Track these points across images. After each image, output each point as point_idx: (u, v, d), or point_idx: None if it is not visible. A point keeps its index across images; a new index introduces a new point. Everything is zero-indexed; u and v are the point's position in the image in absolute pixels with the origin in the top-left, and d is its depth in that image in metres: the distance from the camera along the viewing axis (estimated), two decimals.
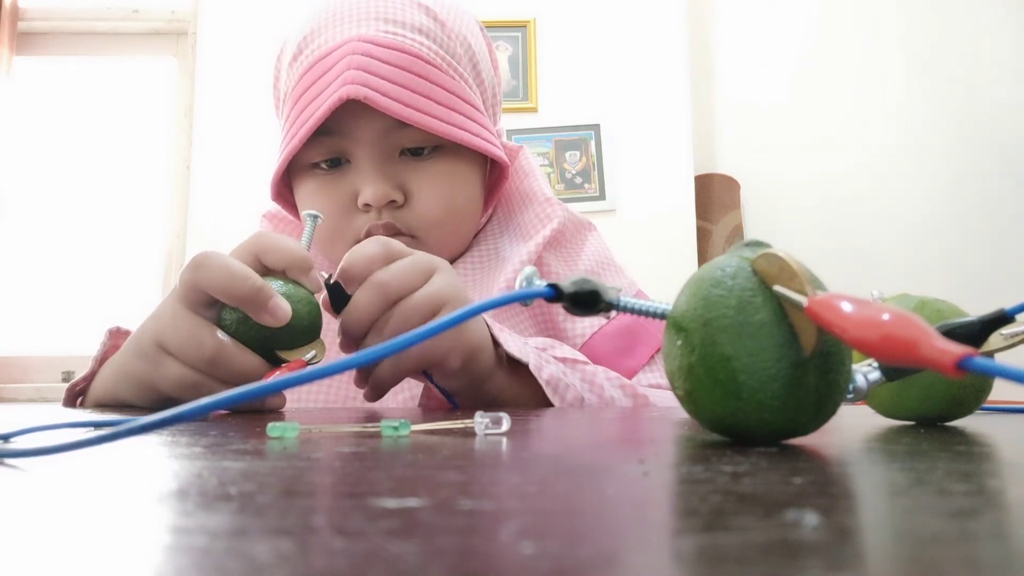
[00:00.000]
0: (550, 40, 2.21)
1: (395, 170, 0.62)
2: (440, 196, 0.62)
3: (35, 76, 2.31)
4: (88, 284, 2.22)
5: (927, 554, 0.12)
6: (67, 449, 0.21)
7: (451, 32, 0.63)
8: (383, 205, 0.61)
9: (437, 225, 0.63)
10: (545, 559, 0.11)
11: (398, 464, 0.22)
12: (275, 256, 0.49)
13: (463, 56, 0.64)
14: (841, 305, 0.22)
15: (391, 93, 0.58)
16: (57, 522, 0.14)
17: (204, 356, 0.45)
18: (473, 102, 0.63)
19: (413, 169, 0.62)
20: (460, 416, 0.38)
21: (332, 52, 0.59)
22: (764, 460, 0.23)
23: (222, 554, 0.12)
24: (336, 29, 0.61)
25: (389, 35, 0.60)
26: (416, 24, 0.61)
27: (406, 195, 0.62)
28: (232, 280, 0.44)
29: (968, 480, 0.19)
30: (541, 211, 0.69)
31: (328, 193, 0.62)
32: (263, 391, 0.21)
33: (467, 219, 0.66)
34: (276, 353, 0.47)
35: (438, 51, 0.62)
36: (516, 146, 0.72)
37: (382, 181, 0.60)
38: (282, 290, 0.47)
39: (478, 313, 0.26)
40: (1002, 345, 0.32)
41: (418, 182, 0.62)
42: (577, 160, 2.17)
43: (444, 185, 0.63)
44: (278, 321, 0.45)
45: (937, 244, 2.24)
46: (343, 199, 0.62)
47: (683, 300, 0.28)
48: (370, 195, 0.60)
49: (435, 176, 0.62)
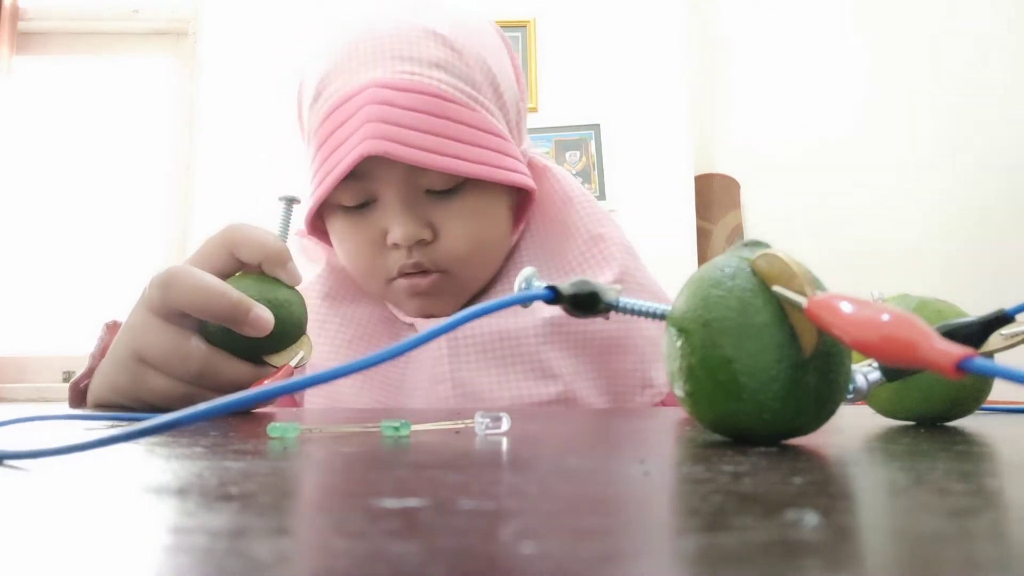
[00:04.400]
0: (550, 40, 2.21)
1: (422, 208, 0.61)
2: (468, 232, 0.62)
3: (35, 76, 2.31)
4: (88, 284, 2.22)
5: (927, 554, 0.12)
6: (67, 451, 0.21)
7: (469, 60, 0.62)
8: (412, 244, 0.61)
9: (466, 261, 0.63)
10: (545, 559, 0.11)
11: (398, 464, 0.22)
12: (249, 250, 0.47)
13: (484, 83, 0.62)
14: (841, 306, 0.22)
15: (412, 141, 0.57)
16: (58, 522, 0.14)
17: (191, 370, 0.44)
18: (497, 131, 0.62)
19: (440, 206, 0.62)
20: (460, 416, 0.38)
21: (351, 99, 0.59)
22: (764, 460, 0.23)
23: (223, 554, 0.12)
24: (353, 72, 0.60)
25: (406, 76, 0.59)
26: (433, 59, 0.60)
27: (435, 232, 0.62)
28: (206, 298, 0.43)
29: (968, 480, 0.19)
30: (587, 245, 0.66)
31: (358, 233, 0.63)
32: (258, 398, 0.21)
33: (497, 251, 0.66)
34: (263, 359, 0.46)
35: (458, 84, 0.60)
36: (542, 163, 0.70)
37: (410, 221, 0.60)
38: (260, 294, 0.46)
39: (477, 316, 0.26)
40: (1002, 345, 0.32)
41: (446, 219, 0.62)
42: (577, 160, 2.17)
43: (472, 220, 0.62)
44: (261, 333, 0.44)
45: (937, 244, 2.24)
46: (373, 238, 0.62)
47: (683, 301, 0.28)
48: (399, 235, 0.60)
49: (462, 212, 0.62)
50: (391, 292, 0.64)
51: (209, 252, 0.48)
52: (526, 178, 0.64)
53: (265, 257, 0.47)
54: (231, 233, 0.48)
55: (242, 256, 0.48)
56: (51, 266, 2.24)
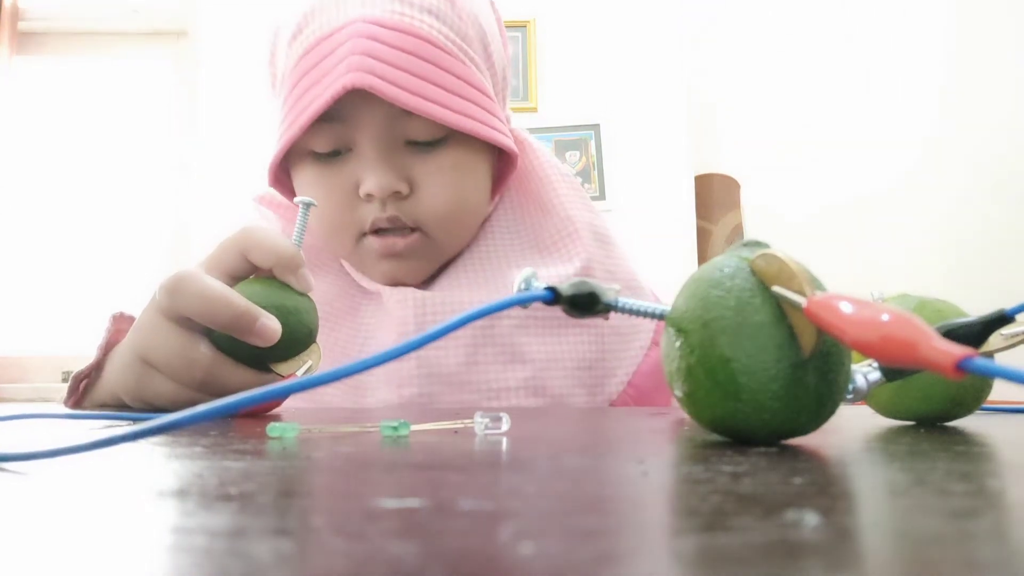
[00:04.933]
0: (550, 40, 2.21)
1: (400, 160, 0.59)
2: (448, 187, 0.59)
3: (35, 76, 2.31)
4: (88, 284, 2.22)
5: (927, 554, 0.12)
6: (66, 452, 0.21)
7: (462, 12, 0.59)
8: (387, 196, 0.58)
9: (445, 218, 0.60)
10: (545, 559, 0.11)
11: (397, 464, 0.22)
12: (261, 254, 0.47)
13: (474, 38, 0.60)
14: (840, 306, 0.22)
15: (398, 80, 0.54)
16: (57, 522, 0.14)
17: (195, 377, 0.44)
18: (484, 88, 0.60)
19: (419, 159, 0.59)
20: (460, 416, 0.38)
21: (336, 33, 0.56)
22: (764, 460, 0.23)
23: (222, 554, 0.12)
24: (340, 7, 0.57)
25: (396, 16, 0.56)
26: (425, 4, 0.58)
27: (412, 186, 0.59)
28: (211, 308, 0.43)
29: (968, 480, 0.19)
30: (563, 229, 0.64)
31: (328, 183, 0.59)
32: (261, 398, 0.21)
33: (475, 212, 0.63)
34: (270, 367, 0.45)
35: (448, 33, 0.58)
36: (523, 136, 0.68)
37: (386, 171, 0.57)
38: (270, 300, 0.45)
39: (475, 318, 0.26)
40: (1002, 345, 0.32)
41: (425, 172, 0.59)
42: (577, 160, 2.17)
43: (452, 176, 0.59)
44: (267, 342, 0.43)
45: (937, 244, 2.24)
46: (345, 189, 0.59)
47: (682, 301, 0.28)
48: (373, 185, 0.57)
49: (443, 166, 0.59)
50: (359, 252, 0.61)
51: (222, 255, 0.47)
52: (508, 140, 0.62)
53: (277, 262, 0.46)
54: (245, 236, 0.47)
55: (254, 260, 0.47)
56: (51, 266, 2.24)
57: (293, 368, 0.46)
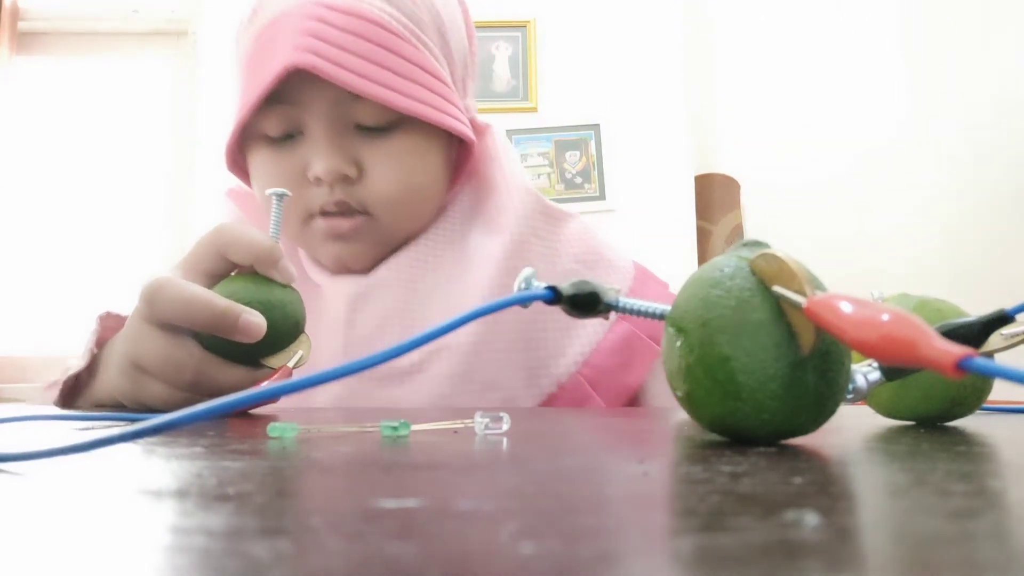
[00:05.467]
0: (550, 40, 2.21)
1: (350, 143, 0.58)
2: (397, 172, 0.59)
3: (35, 76, 2.31)
4: (88, 284, 2.22)
5: (927, 554, 0.12)
6: (66, 452, 0.21)
7: None
8: (335, 180, 0.58)
9: (393, 202, 0.59)
10: (545, 559, 0.11)
11: (397, 464, 0.22)
12: (240, 251, 0.46)
13: (429, 24, 0.60)
14: (840, 305, 0.22)
15: (343, 62, 0.54)
16: (56, 522, 0.14)
17: (185, 378, 0.44)
18: (437, 73, 0.60)
19: (370, 143, 0.59)
20: (460, 416, 0.37)
21: (286, 15, 0.56)
22: (763, 460, 0.23)
23: (221, 554, 0.12)
24: None
25: None
26: None
27: (361, 170, 0.59)
28: (191, 310, 0.42)
29: (968, 480, 0.19)
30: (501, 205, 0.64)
31: (278, 165, 0.59)
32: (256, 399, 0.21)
33: (426, 198, 0.63)
34: (261, 362, 0.45)
35: (399, 17, 0.58)
36: (484, 124, 0.67)
37: (334, 154, 0.57)
38: (253, 295, 0.45)
39: (474, 318, 0.26)
40: (1002, 345, 0.32)
41: (373, 157, 0.59)
42: (577, 160, 2.17)
43: (402, 161, 0.59)
44: (253, 338, 0.43)
45: (937, 244, 2.24)
46: (294, 172, 0.59)
47: (682, 300, 0.28)
48: (321, 168, 0.57)
49: (392, 151, 0.59)
50: (307, 234, 0.61)
51: (199, 255, 0.47)
52: (464, 127, 0.61)
53: (257, 258, 0.46)
54: (220, 235, 0.47)
55: (233, 258, 0.47)
56: (51, 266, 2.24)
57: (284, 360, 0.46)
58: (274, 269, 0.47)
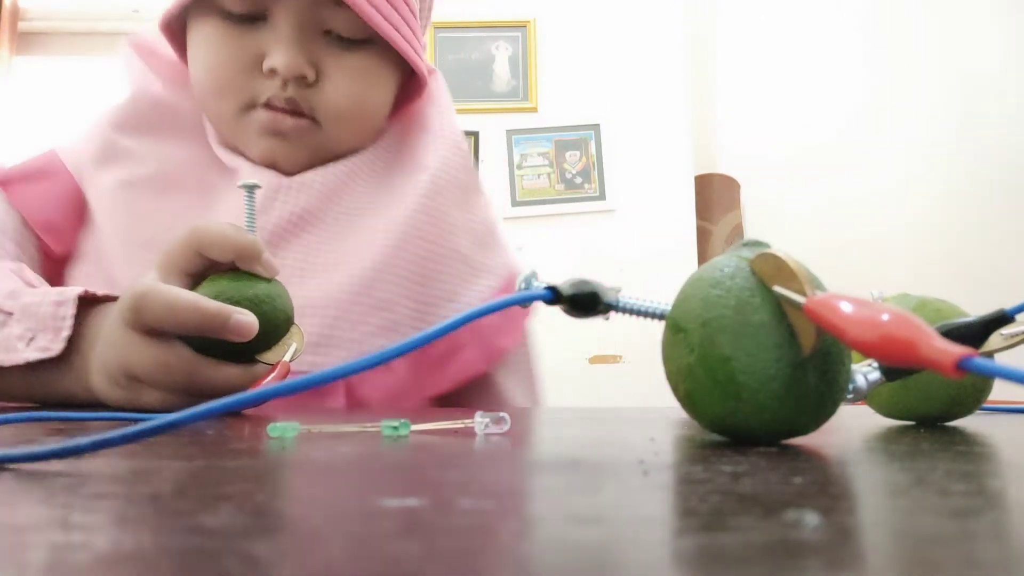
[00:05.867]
0: (550, 40, 2.21)
1: (314, 47, 0.57)
2: (353, 87, 0.59)
3: (35, 76, 2.31)
4: None
5: (927, 553, 0.12)
6: (65, 452, 0.21)
7: None
8: (292, 77, 0.56)
9: (343, 115, 0.59)
10: (544, 559, 0.11)
11: (397, 464, 0.22)
12: (219, 250, 0.45)
13: None
14: (840, 305, 0.22)
15: None
16: (56, 523, 0.14)
17: (178, 382, 0.43)
18: (415, 7, 0.60)
19: (333, 52, 0.58)
20: (460, 416, 0.38)
21: None
22: (764, 460, 0.23)
23: (221, 554, 0.12)
24: None
25: None
26: None
27: (319, 75, 0.58)
28: (180, 316, 0.42)
29: (968, 480, 0.19)
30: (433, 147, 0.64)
31: (230, 46, 0.57)
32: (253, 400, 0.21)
33: (373, 120, 0.63)
34: (256, 358, 0.45)
35: None
36: (431, 68, 0.67)
37: (298, 52, 0.56)
38: (239, 293, 0.44)
39: (474, 318, 0.26)
40: (1002, 345, 0.32)
41: (335, 66, 0.58)
42: (577, 160, 2.17)
43: (361, 77, 0.59)
44: (245, 337, 0.43)
45: (937, 244, 2.23)
46: (247, 58, 0.57)
47: (682, 300, 0.28)
48: (281, 62, 0.55)
49: (355, 65, 0.59)
50: (241, 123, 0.59)
51: (177, 257, 0.46)
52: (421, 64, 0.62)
53: (238, 254, 0.45)
54: (197, 235, 0.46)
55: (214, 257, 0.46)
56: None
57: (279, 355, 0.45)
58: (257, 263, 0.46)
